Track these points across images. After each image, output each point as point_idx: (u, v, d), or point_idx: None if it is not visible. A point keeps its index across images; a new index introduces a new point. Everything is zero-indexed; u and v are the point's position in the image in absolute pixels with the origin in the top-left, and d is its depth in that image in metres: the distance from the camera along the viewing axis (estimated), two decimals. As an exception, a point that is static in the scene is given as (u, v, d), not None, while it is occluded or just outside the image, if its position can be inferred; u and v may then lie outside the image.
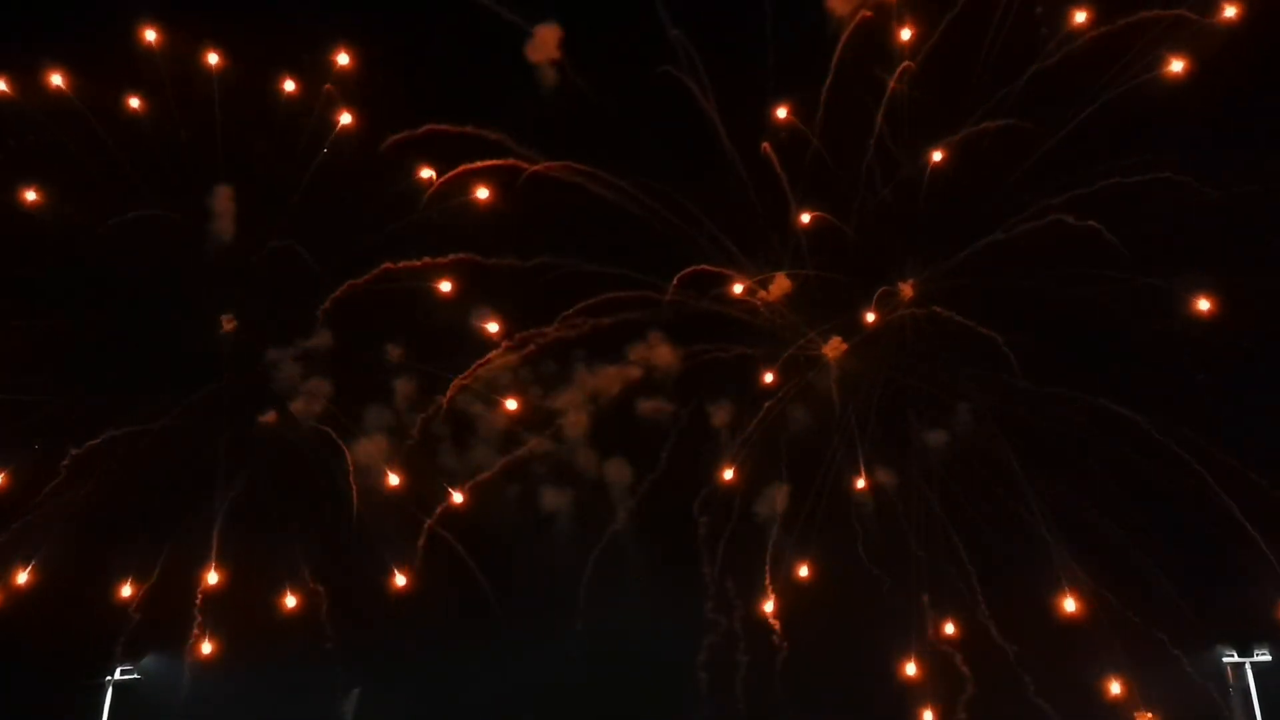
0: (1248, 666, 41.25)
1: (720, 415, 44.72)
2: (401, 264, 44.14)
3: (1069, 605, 40.75)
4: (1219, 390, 40.83)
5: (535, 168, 43.95)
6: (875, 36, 42.39)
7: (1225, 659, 41.46)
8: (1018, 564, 41.88)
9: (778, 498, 43.78)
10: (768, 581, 43.01)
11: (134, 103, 44.61)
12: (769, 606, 42.84)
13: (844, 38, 42.53)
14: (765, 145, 43.67)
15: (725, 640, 43.01)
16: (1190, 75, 39.53)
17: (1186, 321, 40.80)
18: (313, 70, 45.35)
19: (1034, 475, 42.06)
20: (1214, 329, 40.36)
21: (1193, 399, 40.85)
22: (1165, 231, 39.89)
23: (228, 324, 45.31)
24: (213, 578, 42.64)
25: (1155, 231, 39.87)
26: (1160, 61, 40.23)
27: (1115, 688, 40.69)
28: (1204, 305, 40.63)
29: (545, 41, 44.63)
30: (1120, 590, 40.63)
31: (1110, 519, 40.97)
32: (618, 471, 44.81)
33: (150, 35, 44.45)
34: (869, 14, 42.59)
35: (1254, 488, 39.47)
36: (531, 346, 44.66)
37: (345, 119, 45.13)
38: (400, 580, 43.38)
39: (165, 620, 42.90)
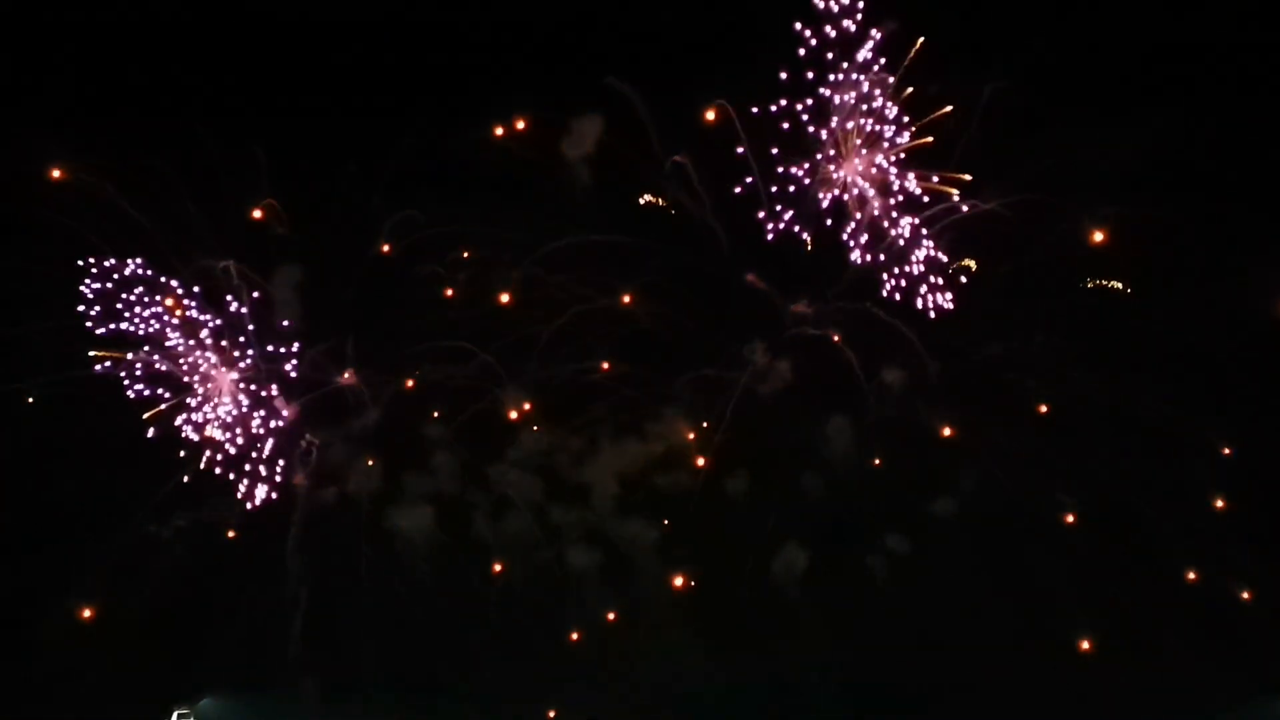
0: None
1: (738, 485, 48.29)
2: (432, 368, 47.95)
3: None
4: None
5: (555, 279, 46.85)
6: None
7: None
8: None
9: (796, 561, 47.01)
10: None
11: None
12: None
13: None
14: (750, 276, 45.57)
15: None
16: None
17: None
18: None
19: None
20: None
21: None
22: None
23: (289, 413, 48.97)
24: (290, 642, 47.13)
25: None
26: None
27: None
28: None
29: (584, 136, 43.51)
30: (1183, 637, 43.24)
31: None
32: (647, 536, 48.23)
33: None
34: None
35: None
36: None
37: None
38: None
39: (222, 662, 46.79)
